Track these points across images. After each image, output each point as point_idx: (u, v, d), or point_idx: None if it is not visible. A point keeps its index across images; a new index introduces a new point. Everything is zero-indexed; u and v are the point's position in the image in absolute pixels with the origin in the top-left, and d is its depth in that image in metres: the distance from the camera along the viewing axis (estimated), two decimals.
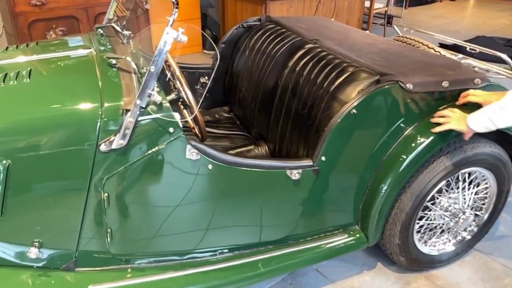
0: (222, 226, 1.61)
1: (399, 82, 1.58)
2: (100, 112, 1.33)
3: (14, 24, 3.53)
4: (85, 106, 1.35)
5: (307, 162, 1.60)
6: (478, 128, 1.54)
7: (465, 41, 6.20)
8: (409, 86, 1.58)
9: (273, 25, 2.45)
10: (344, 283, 1.95)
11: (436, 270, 2.02)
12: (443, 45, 4.75)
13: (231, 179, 1.53)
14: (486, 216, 1.99)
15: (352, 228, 1.82)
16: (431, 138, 1.64)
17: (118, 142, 1.32)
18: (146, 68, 1.53)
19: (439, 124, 1.63)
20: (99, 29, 1.98)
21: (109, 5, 2.17)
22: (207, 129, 2.42)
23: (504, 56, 2.08)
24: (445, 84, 1.64)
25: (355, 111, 1.56)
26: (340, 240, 1.78)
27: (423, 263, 1.97)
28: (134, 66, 1.46)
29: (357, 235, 1.80)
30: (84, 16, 4.13)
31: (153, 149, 1.38)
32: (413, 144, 1.65)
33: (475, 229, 2.00)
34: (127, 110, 1.31)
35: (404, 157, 1.65)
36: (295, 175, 1.57)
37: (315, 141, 1.73)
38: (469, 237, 2.01)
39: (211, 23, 5.72)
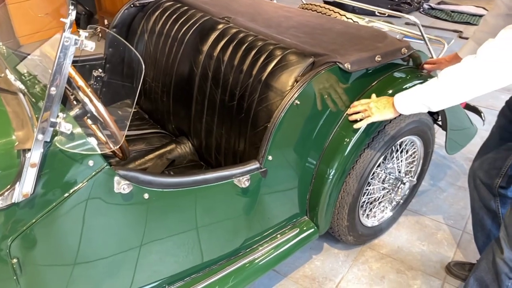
0: (167, 257, 1.37)
1: (337, 63, 1.46)
2: None
3: None
4: None
5: (254, 165, 1.42)
6: (409, 112, 1.41)
7: None
8: (348, 66, 1.47)
9: (171, 2, 2.13)
10: (297, 274, 1.88)
11: (377, 239, 2.06)
12: (327, 2, 4.83)
13: (172, 204, 1.28)
14: (415, 178, 2.05)
15: (301, 219, 1.72)
16: None
17: (20, 193, 0.98)
18: (37, 82, 1.17)
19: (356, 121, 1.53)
20: None
21: None
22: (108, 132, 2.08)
23: (413, 18, 2.09)
24: (378, 58, 1.57)
25: (298, 102, 1.41)
26: (293, 235, 1.67)
27: (368, 236, 1.98)
28: (20, 85, 1.08)
29: (308, 226, 1.71)
30: None
31: (71, 191, 1.06)
32: (354, 126, 1.57)
33: (407, 192, 2.06)
34: (26, 149, 0.97)
35: (348, 140, 1.57)
36: (244, 183, 1.38)
37: (255, 137, 1.55)
38: (402, 201, 2.07)
39: None
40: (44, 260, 1.10)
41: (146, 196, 1.20)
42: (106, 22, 4.46)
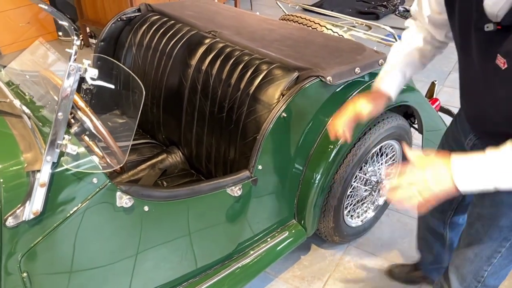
0: (164, 264, 1.45)
1: (320, 77, 1.56)
2: None
3: None
4: None
5: (245, 174, 1.51)
6: (470, 191, 0.94)
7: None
8: (329, 79, 1.58)
9: (157, 16, 2.20)
10: (287, 274, 1.98)
11: (361, 238, 2.17)
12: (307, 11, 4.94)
13: (169, 214, 1.37)
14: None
15: (289, 223, 1.82)
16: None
17: (30, 211, 1.04)
18: (41, 105, 1.23)
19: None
20: None
21: None
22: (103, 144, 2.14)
23: (388, 28, 2.22)
24: (357, 70, 1.68)
25: (284, 115, 1.51)
26: (282, 238, 1.77)
27: (352, 235, 2.09)
28: (25, 109, 1.15)
29: (296, 229, 1.81)
30: None
31: (77, 207, 1.13)
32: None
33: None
34: (35, 170, 1.04)
35: (331, 147, 1.67)
36: (236, 191, 1.47)
37: (244, 147, 1.64)
38: (383, 201, 2.19)
39: (61, 4, 4.98)
40: (51, 272, 1.17)
41: (146, 208, 1.27)
42: (88, 30, 4.48)
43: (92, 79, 1.04)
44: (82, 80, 2.45)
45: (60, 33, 4.60)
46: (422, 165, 0.95)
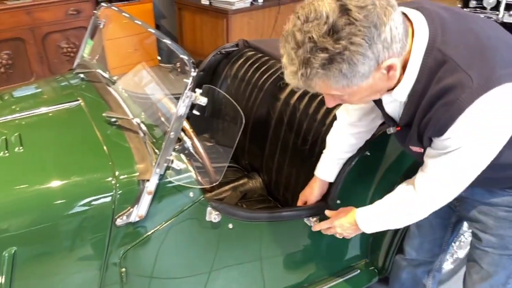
0: (236, 285, 1.54)
1: None
2: (113, 183, 1.21)
3: None
4: (94, 178, 1.22)
5: (323, 207, 1.57)
6: (374, 231, 1.31)
7: None
8: None
9: (253, 52, 2.39)
10: None
11: None
12: None
13: (249, 234, 1.47)
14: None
15: (362, 261, 1.83)
16: None
17: (136, 214, 1.21)
18: (151, 123, 1.42)
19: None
20: (79, 74, 1.82)
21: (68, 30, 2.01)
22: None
23: None
24: None
25: (368, 153, 1.56)
26: (352, 276, 1.78)
27: None
28: (143, 127, 1.34)
29: (368, 268, 1.81)
30: (31, 37, 3.84)
31: (173, 216, 1.28)
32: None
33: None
34: (145, 179, 1.21)
35: None
36: (313, 223, 1.54)
37: None
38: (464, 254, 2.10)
39: (164, 34, 5.53)
40: (146, 272, 1.32)
41: (230, 225, 1.39)
42: None
43: (202, 106, 1.20)
44: (193, 106, 2.72)
45: (162, 64, 5.08)
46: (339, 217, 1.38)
